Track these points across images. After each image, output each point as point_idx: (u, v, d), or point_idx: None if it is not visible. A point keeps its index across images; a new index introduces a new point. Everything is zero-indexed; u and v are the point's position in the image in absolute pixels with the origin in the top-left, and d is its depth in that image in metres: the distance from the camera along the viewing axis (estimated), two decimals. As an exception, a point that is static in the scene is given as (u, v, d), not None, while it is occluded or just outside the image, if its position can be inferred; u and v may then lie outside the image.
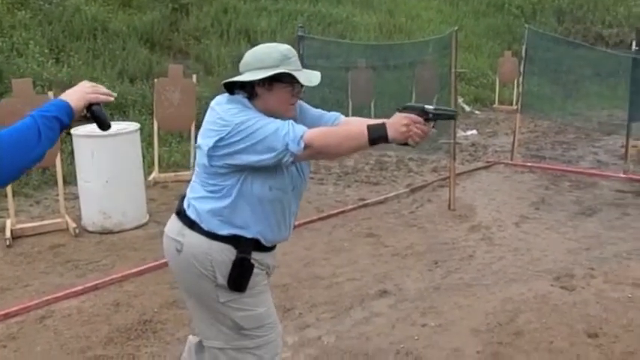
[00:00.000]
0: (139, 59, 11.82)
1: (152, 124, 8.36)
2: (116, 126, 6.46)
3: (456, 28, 7.27)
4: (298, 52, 8.81)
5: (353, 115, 5.84)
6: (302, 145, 2.26)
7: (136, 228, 6.34)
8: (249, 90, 2.46)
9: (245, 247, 2.44)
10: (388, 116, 2.32)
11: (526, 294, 4.80)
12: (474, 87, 16.62)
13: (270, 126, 2.30)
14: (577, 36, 22.14)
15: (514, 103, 15.89)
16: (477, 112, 15.27)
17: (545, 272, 5.26)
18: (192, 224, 2.46)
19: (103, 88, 2.02)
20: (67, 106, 1.89)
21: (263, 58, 2.44)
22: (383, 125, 2.26)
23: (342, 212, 6.95)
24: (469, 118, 14.42)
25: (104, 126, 2.00)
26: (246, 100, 2.45)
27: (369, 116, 5.67)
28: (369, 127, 2.26)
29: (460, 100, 15.53)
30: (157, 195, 7.52)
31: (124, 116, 9.95)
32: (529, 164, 9.38)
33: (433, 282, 5.03)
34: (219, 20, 14.29)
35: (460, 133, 12.39)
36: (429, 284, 5.01)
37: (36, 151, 1.77)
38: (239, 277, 2.43)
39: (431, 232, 6.36)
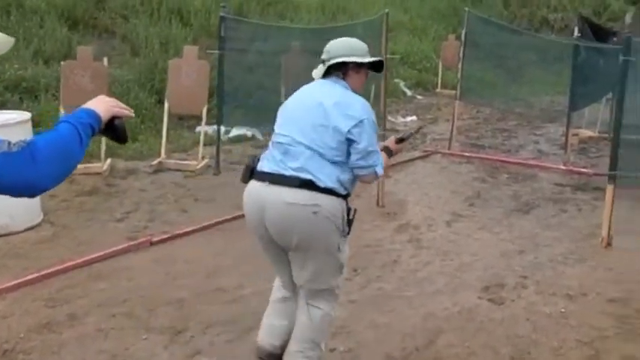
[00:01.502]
0: (57, 38, 10.97)
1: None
2: (4, 115, 5.75)
3: (387, 10, 6.72)
4: (219, 35, 8.21)
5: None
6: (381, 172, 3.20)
7: (26, 230, 5.65)
8: (343, 70, 3.18)
9: (348, 201, 3.14)
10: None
11: (451, 309, 4.32)
12: (416, 71, 16.14)
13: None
14: (523, 20, 21.97)
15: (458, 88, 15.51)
16: (418, 96, 14.81)
17: (475, 280, 4.80)
18: (324, 190, 3.00)
19: (121, 104, 2.04)
20: (98, 116, 1.92)
21: (363, 47, 3.22)
22: (390, 149, 3.38)
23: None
24: (410, 103, 13.96)
25: (123, 140, 2.03)
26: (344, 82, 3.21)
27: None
28: (387, 151, 3.36)
29: (402, 83, 15.08)
30: (60, 191, 6.81)
31: (36, 101, 9.16)
32: (467, 154, 8.96)
33: (349, 294, 4.49)
34: (150, -2, 13.47)
35: (399, 119, 11.93)
36: (345, 297, 4.44)
37: (78, 157, 1.82)
38: (350, 223, 3.16)
39: (354, 233, 5.78)
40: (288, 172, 3.00)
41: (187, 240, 5.58)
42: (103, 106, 1.94)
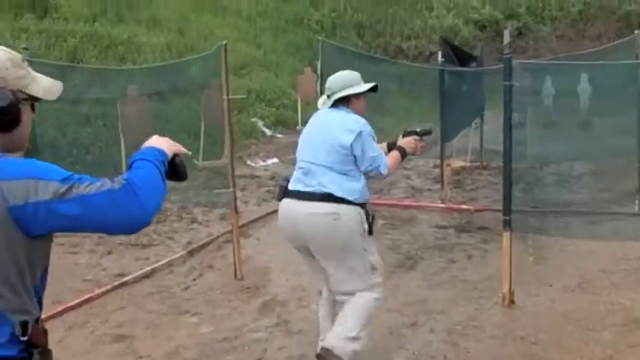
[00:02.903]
0: None
1: None
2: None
3: (225, 42, 5.61)
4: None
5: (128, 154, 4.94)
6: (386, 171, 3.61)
7: None
8: (346, 101, 3.63)
9: (366, 207, 3.57)
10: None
11: None
12: (274, 108, 15.13)
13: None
14: (378, 49, 21.73)
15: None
16: (279, 135, 13.79)
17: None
18: (341, 200, 3.43)
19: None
20: (166, 155, 1.91)
21: (356, 76, 3.69)
22: (403, 148, 3.76)
23: (87, 301, 4.98)
24: (270, 144, 12.90)
25: (184, 177, 1.99)
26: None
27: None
28: (401, 151, 3.74)
29: (260, 123, 14.06)
30: None
31: None
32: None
33: None
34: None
35: (259, 163, 10.85)
36: None
37: (164, 193, 1.83)
38: (370, 225, 3.57)
39: (207, 322, 4.59)
40: (310, 189, 3.49)
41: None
42: (165, 144, 1.94)
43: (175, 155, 1.94)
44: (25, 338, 1.65)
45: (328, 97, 3.65)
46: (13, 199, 1.59)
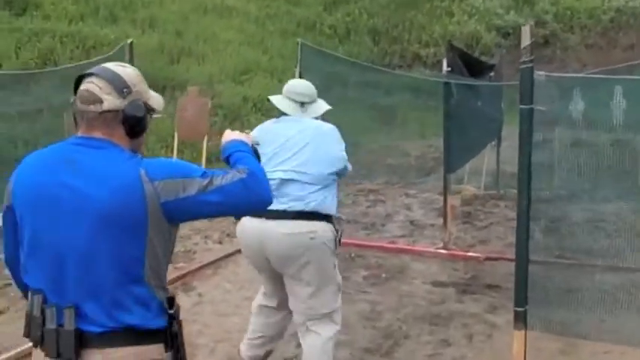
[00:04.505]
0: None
1: None
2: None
3: (131, 40, 4.22)
4: None
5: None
6: None
7: None
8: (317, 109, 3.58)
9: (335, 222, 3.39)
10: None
11: None
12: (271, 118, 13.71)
13: None
14: (394, 56, 20.40)
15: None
16: (274, 150, 12.36)
17: None
18: (317, 216, 3.25)
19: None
20: (248, 144, 2.15)
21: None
22: None
23: None
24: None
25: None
26: None
27: None
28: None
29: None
30: None
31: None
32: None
33: None
34: None
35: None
36: None
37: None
38: (339, 242, 3.40)
39: None
40: (282, 207, 3.17)
41: None
42: (241, 136, 2.16)
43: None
44: (172, 311, 1.95)
45: (302, 104, 3.44)
46: (166, 195, 1.86)
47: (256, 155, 2.11)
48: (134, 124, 1.91)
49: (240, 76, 15.87)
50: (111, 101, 1.89)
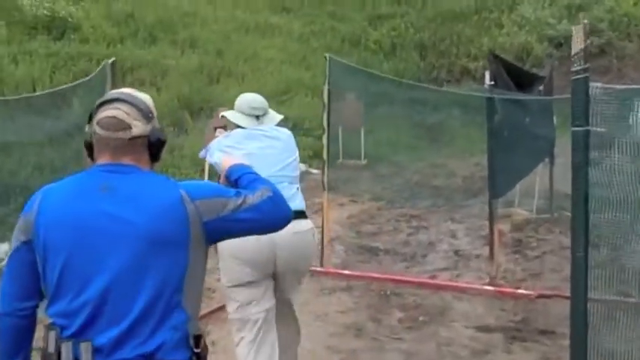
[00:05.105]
0: None
1: None
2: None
3: (112, 59, 3.76)
4: None
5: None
6: None
7: None
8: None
9: None
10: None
11: None
12: (313, 138, 13.16)
13: None
14: (442, 70, 19.77)
15: (362, 156, 12.81)
16: (314, 171, 11.79)
17: None
18: (306, 215, 3.51)
19: None
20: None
21: None
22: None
23: None
24: (301, 182, 10.92)
25: None
26: None
27: None
28: None
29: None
30: None
31: None
32: (347, 272, 5.90)
33: None
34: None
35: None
36: None
37: None
38: None
39: None
40: None
41: None
42: (239, 160, 2.30)
43: None
44: (198, 350, 1.88)
45: (258, 117, 3.63)
46: (208, 215, 1.90)
47: None
48: (160, 148, 1.95)
49: (281, 96, 15.46)
50: (140, 127, 1.90)
